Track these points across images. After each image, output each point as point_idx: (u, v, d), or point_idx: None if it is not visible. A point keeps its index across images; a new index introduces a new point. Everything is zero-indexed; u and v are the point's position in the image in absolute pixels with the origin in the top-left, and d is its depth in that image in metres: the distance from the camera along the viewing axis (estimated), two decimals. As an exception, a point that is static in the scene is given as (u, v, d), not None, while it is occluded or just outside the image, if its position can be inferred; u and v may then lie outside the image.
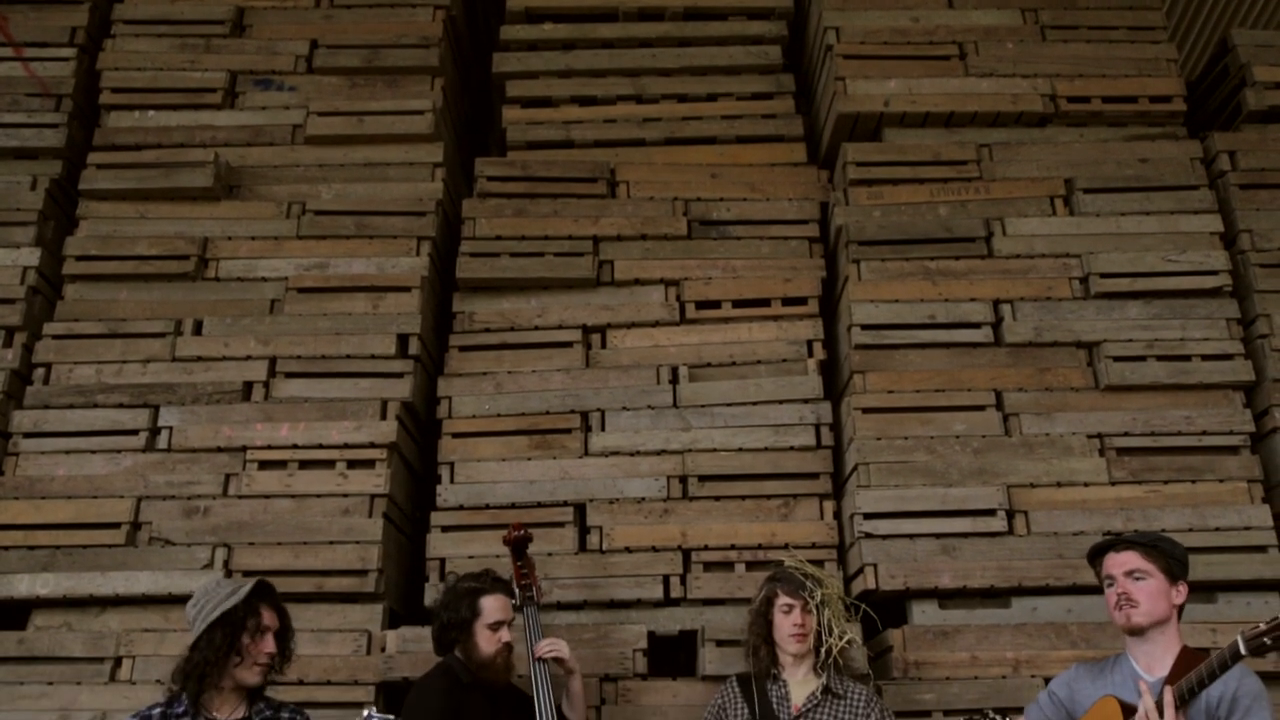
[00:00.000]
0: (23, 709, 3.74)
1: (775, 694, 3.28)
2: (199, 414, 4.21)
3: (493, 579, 3.43)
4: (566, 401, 4.28)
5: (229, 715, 2.91)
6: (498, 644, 3.31)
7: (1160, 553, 2.81)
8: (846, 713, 3.21)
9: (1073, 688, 2.91)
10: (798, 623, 3.27)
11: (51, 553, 3.97)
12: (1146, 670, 2.77)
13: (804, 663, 3.31)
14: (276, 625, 2.97)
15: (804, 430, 4.19)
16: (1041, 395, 4.18)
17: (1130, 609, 2.76)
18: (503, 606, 3.36)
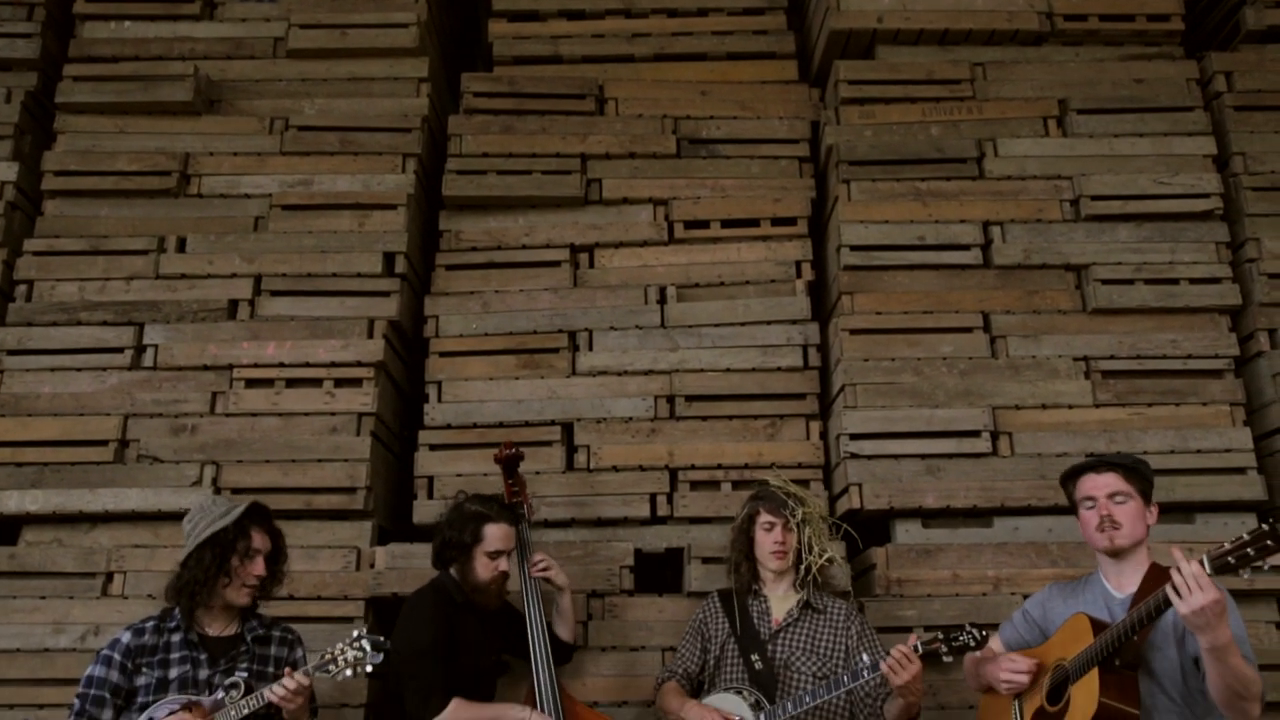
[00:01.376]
0: (16, 622, 3.79)
1: (756, 609, 3.33)
2: (184, 332, 4.18)
3: (500, 506, 3.44)
4: (554, 321, 4.26)
5: (220, 631, 2.95)
6: (494, 572, 3.34)
7: (1139, 475, 2.86)
8: (826, 627, 3.26)
9: (1046, 607, 2.98)
10: (778, 540, 3.31)
11: (40, 469, 3.98)
12: (1116, 588, 2.84)
13: (784, 579, 3.35)
14: (267, 548, 2.99)
15: (791, 351, 4.19)
16: (1029, 318, 4.19)
17: (1114, 531, 2.80)
18: (505, 536, 3.37)
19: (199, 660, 2.86)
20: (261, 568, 2.95)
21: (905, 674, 2.79)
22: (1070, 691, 2.66)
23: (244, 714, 2.71)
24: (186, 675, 2.84)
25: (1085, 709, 2.58)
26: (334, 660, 2.74)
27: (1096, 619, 2.71)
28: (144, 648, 2.87)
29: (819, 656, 3.20)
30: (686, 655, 3.39)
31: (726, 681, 3.23)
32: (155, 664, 2.84)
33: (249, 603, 2.95)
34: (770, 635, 3.26)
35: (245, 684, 2.77)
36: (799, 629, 3.26)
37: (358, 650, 2.74)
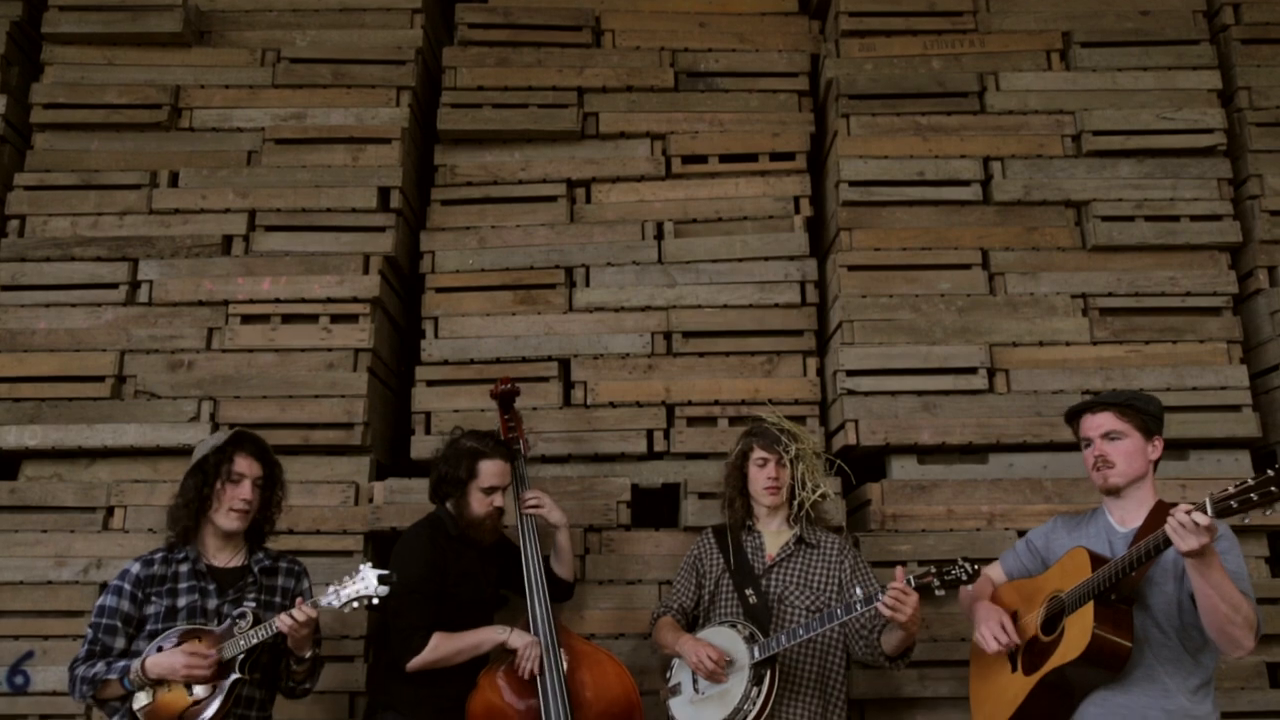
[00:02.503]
0: (19, 555, 3.82)
1: (750, 544, 3.35)
2: (179, 267, 4.16)
3: (495, 442, 3.45)
4: (550, 257, 4.24)
5: (227, 562, 2.98)
6: (489, 507, 3.37)
7: (1135, 411, 2.84)
8: (819, 562, 3.29)
9: (1050, 539, 3.01)
10: (771, 476, 3.31)
11: (38, 405, 3.99)
12: (1120, 523, 2.85)
13: (778, 515, 3.37)
14: (256, 474, 3.00)
15: (789, 287, 4.18)
16: (1028, 254, 4.17)
17: (1107, 470, 2.81)
18: (500, 471, 3.39)
19: (207, 590, 2.90)
20: (247, 492, 2.96)
21: (906, 609, 2.80)
22: (1065, 623, 2.69)
23: (252, 643, 2.75)
24: (195, 604, 2.87)
25: (1079, 640, 2.61)
26: (339, 593, 2.77)
27: (1095, 553, 2.73)
28: (153, 578, 2.90)
29: (812, 590, 3.23)
30: (681, 591, 3.43)
31: (721, 616, 3.27)
32: (164, 593, 2.88)
33: (238, 527, 2.96)
34: (764, 570, 3.29)
35: (254, 614, 2.81)
36: (792, 564, 3.29)
37: (363, 584, 2.78)
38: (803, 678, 3.16)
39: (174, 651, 2.74)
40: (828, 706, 3.18)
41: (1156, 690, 2.66)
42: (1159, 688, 2.66)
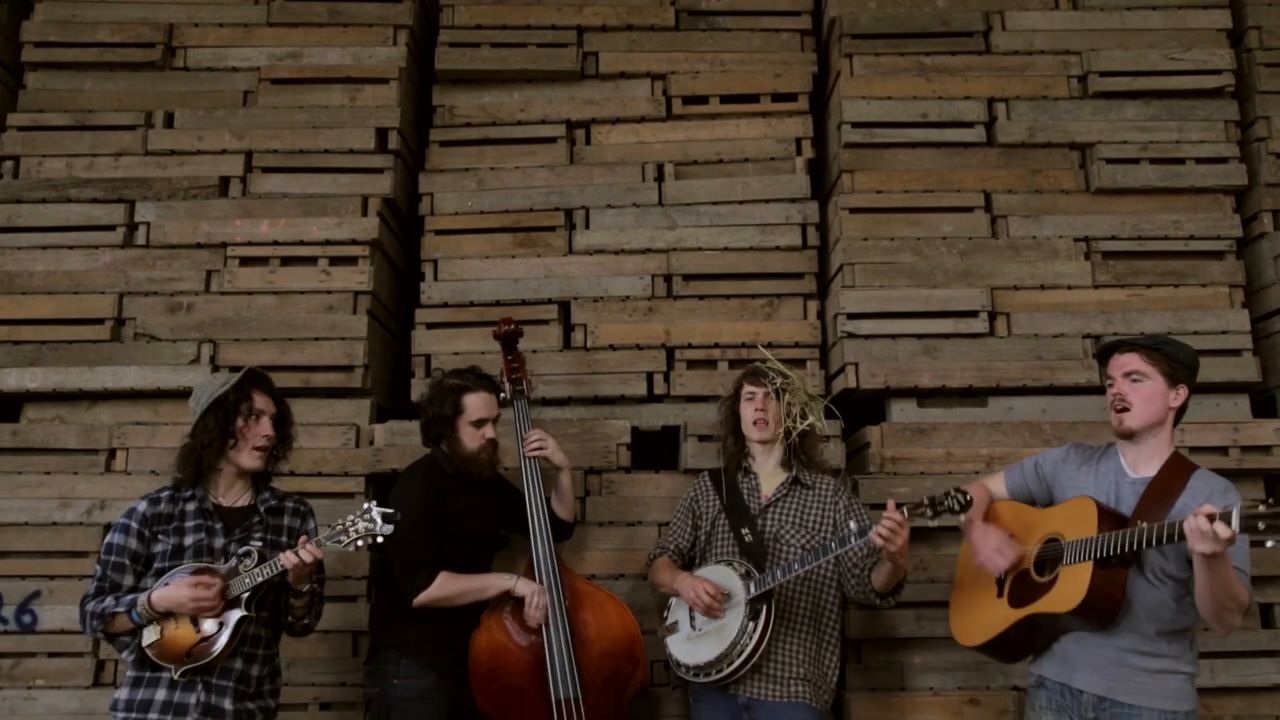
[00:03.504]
0: (23, 497, 3.84)
1: (746, 486, 3.38)
2: (176, 209, 4.13)
3: (477, 376, 3.46)
4: (550, 199, 4.21)
5: (234, 501, 2.99)
6: (482, 440, 3.38)
7: (1163, 356, 2.77)
8: (814, 502, 3.32)
9: (1059, 468, 2.94)
10: (759, 408, 3.34)
11: (37, 348, 3.99)
12: (1132, 468, 2.80)
13: (772, 455, 3.39)
14: (272, 410, 3.01)
15: (790, 230, 4.15)
16: (1031, 197, 4.13)
17: (1123, 413, 2.75)
18: (486, 404, 3.40)
19: (214, 529, 2.92)
20: (268, 428, 2.97)
21: (899, 540, 2.83)
22: (1060, 571, 2.70)
23: (258, 581, 2.78)
24: (201, 543, 2.89)
25: (1073, 595, 2.63)
26: (345, 531, 2.79)
27: (1104, 507, 2.70)
28: (160, 516, 2.91)
29: (807, 529, 3.26)
30: (678, 532, 3.46)
31: (717, 555, 3.30)
32: (171, 531, 2.90)
33: (258, 465, 2.97)
34: (760, 510, 3.31)
35: (259, 553, 2.83)
36: (788, 503, 3.31)
37: (368, 522, 2.79)
38: (798, 615, 3.20)
39: (179, 584, 2.76)
40: (822, 643, 3.23)
41: (1134, 633, 2.68)
42: (1137, 630, 2.68)
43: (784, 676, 3.12)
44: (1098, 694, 2.69)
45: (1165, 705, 2.65)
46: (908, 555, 2.95)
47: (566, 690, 3.23)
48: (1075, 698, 2.73)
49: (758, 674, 3.12)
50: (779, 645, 3.14)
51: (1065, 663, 2.75)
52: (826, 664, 3.24)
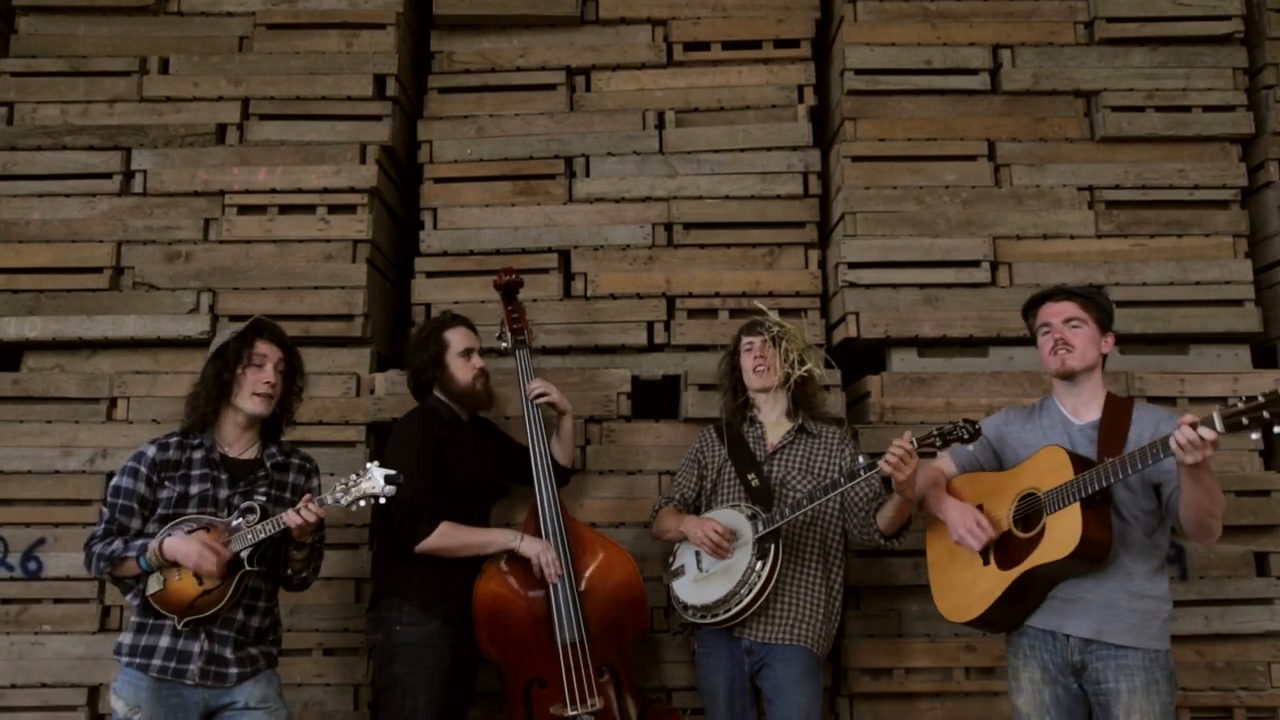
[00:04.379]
0: (25, 445, 3.85)
1: (752, 435, 3.39)
2: (173, 157, 4.10)
3: (451, 315, 3.52)
4: (550, 147, 4.17)
5: (241, 453, 3.00)
6: (474, 370, 3.42)
7: (1095, 304, 2.94)
8: (820, 450, 3.33)
9: (1002, 431, 3.05)
10: (759, 355, 3.35)
11: (36, 296, 3.98)
12: (1073, 414, 2.93)
13: (777, 405, 3.40)
14: (277, 357, 3.00)
15: (792, 178, 4.12)
16: (1035, 146, 4.10)
17: (1065, 353, 2.89)
18: (467, 336, 3.46)
19: (219, 480, 2.92)
20: (270, 375, 2.96)
21: (907, 469, 2.82)
22: (1046, 521, 2.74)
23: (260, 538, 2.79)
24: (207, 493, 2.90)
25: (1067, 541, 2.67)
26: (347, 491, 2.80)
27: (1075, 453, 2.78)
28: (168, 462, 2.92)
29: (814, 476, 3.27)
30: (683, 482, 3.47)
31: (724, 500, 3.32)
32: (177, 479, 2.90)
33: (261, 410, 2.97)
34: (766, 456, 3.33)
35: (261, 509, 2.84)
36: (794, 450, 3.33)
37: (371, 483, 2.80)
38: (806, 558, 3.22)
39: (191, 538, 2.77)
40: (830, 588, 3.25)
41: (1120, 575, 2.76)
42: (1122, 573, 2.76)
43: (789, 620, 3.15)
44: (1086, 637, 2.75)
45: (1151, 645, 2.75)
46: (914, 487, 2.93)
47: (572, 634, 3.28)
48: (1061, 641, 2.78)
49: (762, 617, 3.14)
50: (786, 589, 3.17)
51: (1054, 612, 2.80)
52: (833, 608, 3.26)
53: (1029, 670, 2.84)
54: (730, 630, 3.17)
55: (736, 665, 3.19)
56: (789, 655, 3.14)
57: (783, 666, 3.14)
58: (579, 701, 3.23)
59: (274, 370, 2.97)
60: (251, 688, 2.88)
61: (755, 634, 3.16)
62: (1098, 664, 2.74)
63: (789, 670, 3.13)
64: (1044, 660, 2.81)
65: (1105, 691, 2.72)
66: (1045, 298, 3.00)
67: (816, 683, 3.18)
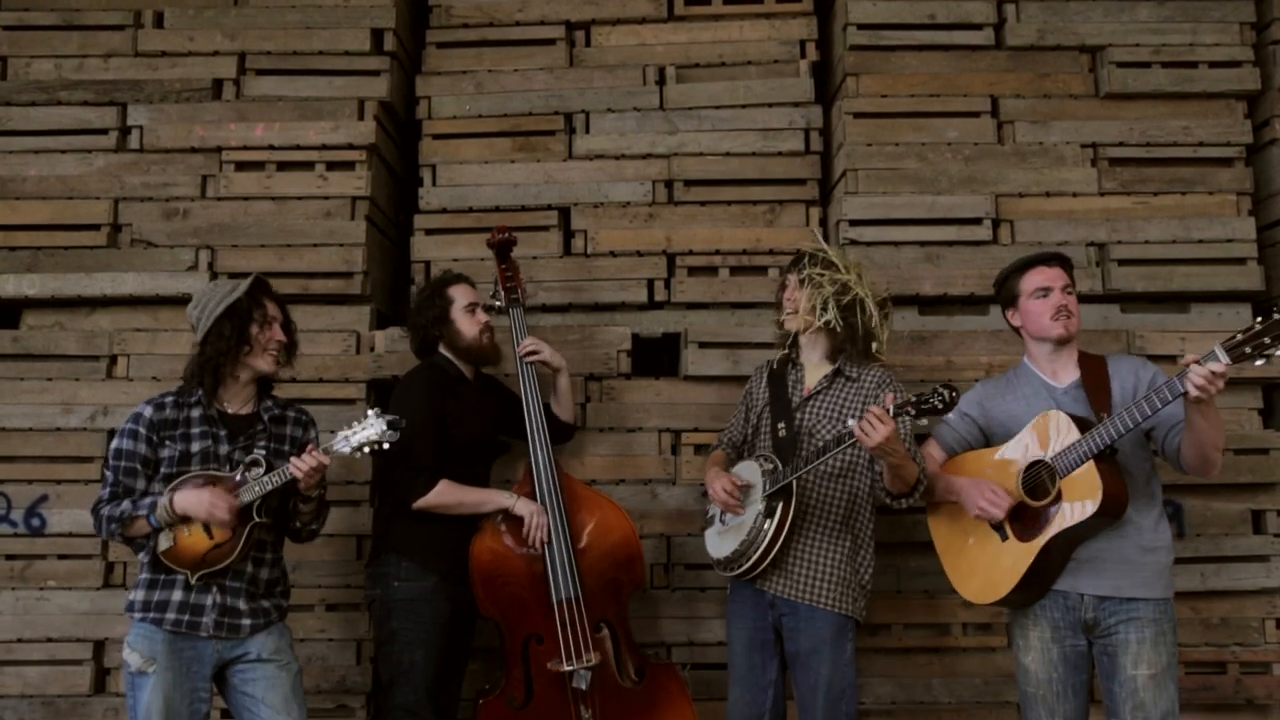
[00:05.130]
0: (26, 402, 3.86)
1: (793, 378, 3.30)
2: (169, 113, 4.07)
3: (452, 274, 3.54)
4: (550, 102, 4.13)
5: (238, 409, 3.01)
6: (480, 324, 3.44)
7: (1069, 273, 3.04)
8: (856, 394, 3.17)
9: (985, 405, 3.06)
10: (789, 296, 3.30)
11: (34, 254, 3.96)
12: (1053, 378, 2.97)
13: (817, 346, 3.26)
14: (280, 317, 3.03)
15: (793, 135, 4.08)
16: (1039, 102, 4.06)
17: (1067, 320, 2.94)
18: (469, 291, 3.49)
19: (219, 436, 2.94)
20: (280, 334, 3.00)
21: (877, 435, 2.72)
22: (1060, 485, 2.76)
23: (267, 489, 2.81)
24: (208, 449, 2.92)
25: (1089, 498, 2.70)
26: (349, 439, 2.82)
27: (1075, 415, 2.80)
28: (165, 421, 2.93)
29: (841, 424, 3.12)
30: (734, 425, 3.44)
31: (757, 450, 3.26)
32: (177, 437, 2.92)
33: (273, 369, 2.99)
34: (800, 403, 3.23)
35: (266, 461, 2.86)
36: (827, 397, 3.21)
37: (373, 429, 2.82)
38: (829, 511, 3.13)
39: (201, 491, 2.80)
40: (857, 541, 3.17)
41: (1131, 530, 2.80)
42: (1132, 527, 2.80)
43: (810, 575, 3.07)
44: (1102, 594, 2.78)
45: (1160, 594, 2.80)
46: (901, 455, 2.86)
47: (568, 591, 3.30)
48: (1074, 601, 2.81)
49: (779, 570, 3.08)
50: (807, 542, 3.09)
51: (1070, 573, 2.83)
52: (861, 563, 3.16)
53: (1039, 629, 2.87)
54: (753, 582, 3.13)
55: (760, 616, 3.14)
56: (811, 619, 3.05)
57: (804, 632, 3.06)
58: (576, 657, 3.26)
59: (280, 328, 2.99)
60: (264, 640, 2.92)
61: (776, 588, 3.09)
62: (1110, 619, 2.78)
63: (810, 637, 3.05)
64: (1054, 619, 2.84)
65: (1114, 643, 2.77)
66: (1037, 261, 3.03)
67: (840, 647, 3.06)
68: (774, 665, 3.15)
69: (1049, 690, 2.85)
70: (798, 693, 3.10)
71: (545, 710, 3.31)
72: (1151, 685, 2.72)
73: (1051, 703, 2.84)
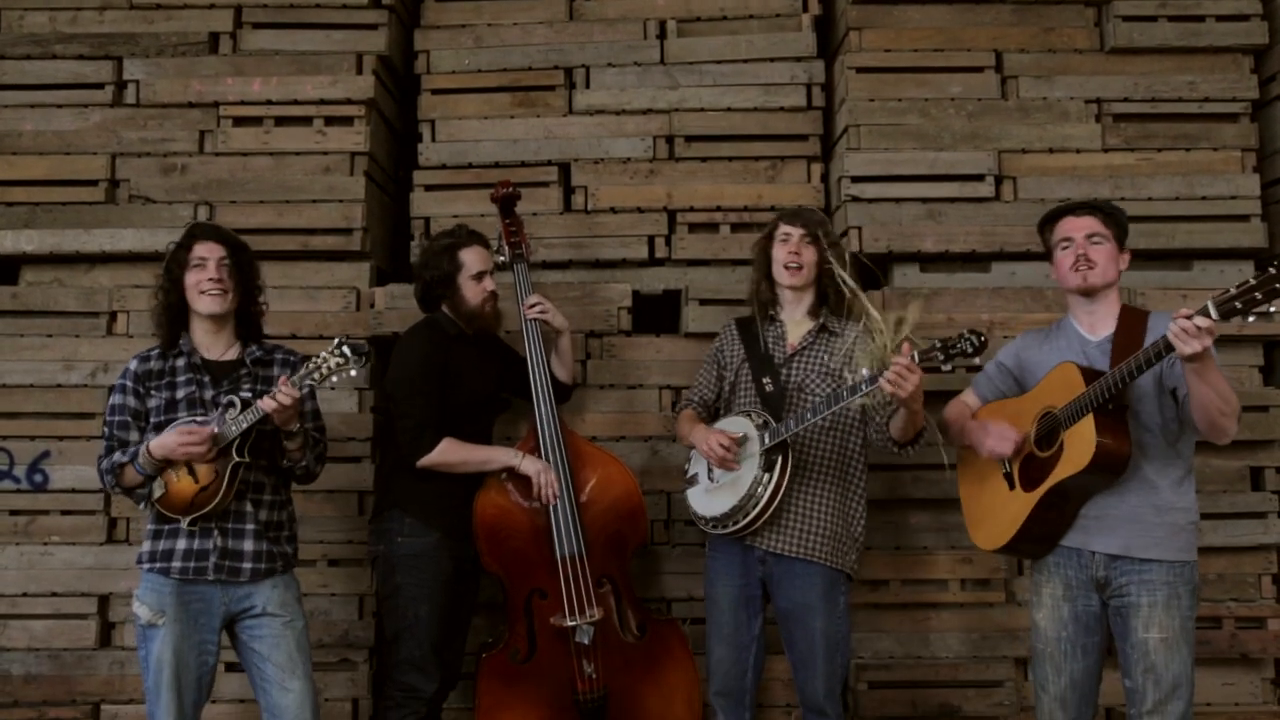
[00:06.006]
0: (26, 359, 3.87)
1: (772, 334, 3.27)
2: (165, 67, 4.02)
3: (468, 232, 3.45)
4: (550, 57, 4.09)
5: (220, 355, 3.02)
6: (484, 293, 3.39)
7: (1114, 220, 2.91)
8: (841, 349, 3.17)
9: (1021, 356, 3.02)
10: (793, 251, 3.20)
11: (31, 209, 3.94)
12: (1089, 331, 2.90)
13: (801, 303, 3.26)
14: (220, 254, 2.97)
15: (795, 90, 4.05)
16: (1043, 57, 4.02)
17: (1088, 270, 2.85)
18: (482, 257, 3.41)
19: (203, 382, 2.96)
20: (213, 271, 2.95)
21: (909, 385, 2.74)
22: (1063, 437, 2.74)
23: (243, 428, 2.82)
24: (193, 395, 2.94)
25: (1083, 452, 2.67)
26: (318, 369, 2.80)
27: (1085, 367, 2.76)
28: (150, 372, 2.97)
29: (833, 379, 3.14)
30: (702, 383, 3.42)
31: (739, 406, 3.24)
32: (163, 386, 2.95)
33: (219, 308, 2.96)
34: (785, 359, 3.22)
35: (243, 402, 2.86)
36: (813, 352, 3.21)
37: (339, 356, 2.79)
38: (822, 466, 3.14)
39: (169, 431, 2.82)
40: (848, 495, 3.18)
41: (1145, 488, 2.75)
42: (1146, 486, 2.75)
43: (802, 530, 3.08)
44: (1112, 553, 2.75)
45: (1177, 556, 2.75)
46: (922, 402, 2.87)
47: (571, 547, 3.32)
48: (1087, 559, 2.79)
49: (775, 526, 3.08)
50: (799, 497, 3.10)
51: (1081, 529, 2.81)
52: (853, 516, 3.18)
53: (1051, 586, 2.86)
54: (743, 538, 3.12)
55: (748, 573, 3.16)
56: (805, 573, 3.08)
57: (800, 588, 3.08)
58: (578, 612, 3.29)
59: (217, 266, 2.95)
60: (270, 591, 2.94)
61: (767, 543, 3.10)
62: (1121, 578, 2.75)
63: (805, 592, 3.07)
64: (1067, 576, 2.82)
65: (1126, 604, 2.74)
66: (1066, 211, 2.93)
67: (835, 602, 3.09)
68: (758, 622, 3.19)
69: (1057, 649, 2.83)
70: (792, 648, 3.14)
71: (548, 664, 3.34)
72: (1163, 648, 2.70)
73: (1059, 661, 2.83)
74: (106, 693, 3.74)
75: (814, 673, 3.08)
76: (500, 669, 3.36)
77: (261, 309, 3.12)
